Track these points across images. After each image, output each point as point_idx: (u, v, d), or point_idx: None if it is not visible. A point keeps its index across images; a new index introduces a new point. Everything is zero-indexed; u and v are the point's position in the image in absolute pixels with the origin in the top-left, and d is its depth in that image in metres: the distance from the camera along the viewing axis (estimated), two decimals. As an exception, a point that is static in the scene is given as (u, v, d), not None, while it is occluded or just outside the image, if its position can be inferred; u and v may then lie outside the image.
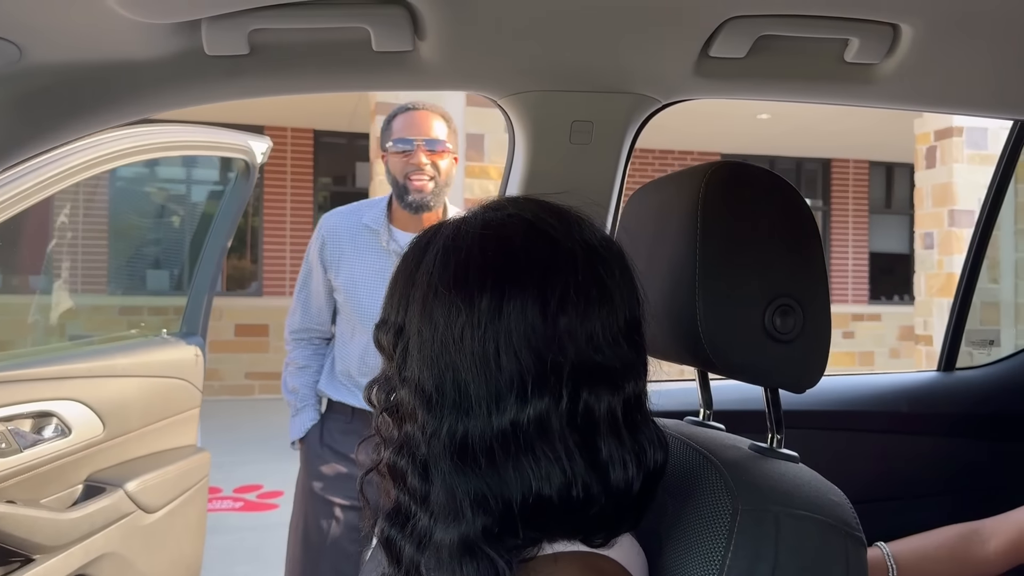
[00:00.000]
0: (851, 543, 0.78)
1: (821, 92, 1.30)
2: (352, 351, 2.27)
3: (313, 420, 2.33)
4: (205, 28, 1.03)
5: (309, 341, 2.38)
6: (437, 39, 1.10)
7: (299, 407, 2.35)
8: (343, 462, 2.26)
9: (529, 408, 0.71)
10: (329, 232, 2.30)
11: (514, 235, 0.75)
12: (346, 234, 2.28)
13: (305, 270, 2.36)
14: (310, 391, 2.36)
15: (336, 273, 2.27)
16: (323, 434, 2.31)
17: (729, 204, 0.87)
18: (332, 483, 2.25)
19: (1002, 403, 1.75)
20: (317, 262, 2.31)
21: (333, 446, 2.28)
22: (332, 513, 2.25)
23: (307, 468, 2.32)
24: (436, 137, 2.21)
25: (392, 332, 0.77)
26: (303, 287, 2.37)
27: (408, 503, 0.77)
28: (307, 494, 2.29)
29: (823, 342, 0.87)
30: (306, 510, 2.29)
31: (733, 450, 0.88)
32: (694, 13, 1.08)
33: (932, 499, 1.68)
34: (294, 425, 2.36)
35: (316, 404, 2.36)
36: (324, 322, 2.36)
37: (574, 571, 0.72)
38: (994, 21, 1.12)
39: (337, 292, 2.29)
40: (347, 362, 2.28)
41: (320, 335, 2.39)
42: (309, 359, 2.37)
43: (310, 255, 2.33)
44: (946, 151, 7.60)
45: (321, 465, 2.28)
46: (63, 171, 1.98)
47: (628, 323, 0.76)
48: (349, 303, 2.25)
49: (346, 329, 2.30)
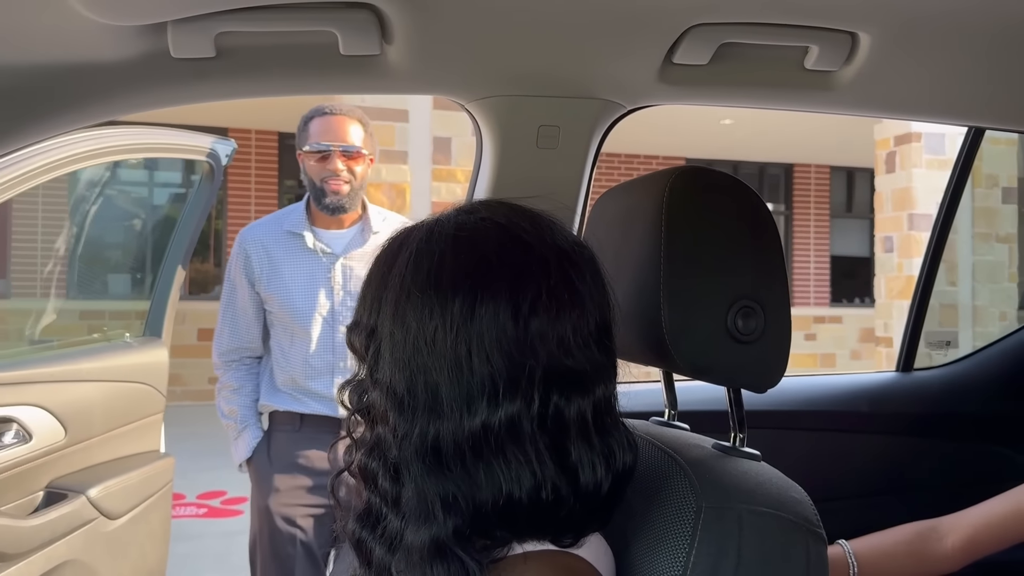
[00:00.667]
0: (812, 539, 0.79)
1: (782, 99, 1.33)
2: (294, 358, 2.23)
3: (257, 438, 2.30)
4: (171, 31, 1.02)
5: (240, 362, 2.34)
6: (404, 43, 1.11)
7: (240, 428, 2.31)
8: (295, 472, 2.23)
9: (500, 411, 0.72)
10: (252, 244, 2.28)
11: (487, 239, 0.76)
12: (270, 242, 2.26)
13: (228, 289, 2.32)
14: (249, 411, 2.32)
15: (266, 283, 2.24)
16: (270, 449, 2.27)
17: (692, 208, 0.89)
18: (286, 496, 2.22)
19: (958, 403, 1.80)
20: (241, 277, 2.28)
21: (283, 459, 2.25)
22: (292, 526, 2.21)
23: (259, 486, 2.28)
24: (352, 143, 2.23)
25: (364, 334, 0.77)
26: (228, 306, 2.33)
27: (379, 504, 0.77)
28: (263, 512, 2.25)
29: (784, 343, 0.89)
30: (265, 528, 2.25)
31: (697, 449, 0.89)
32: (658, 20, 1.10)
33: (892, 497, 1.72)
34: (238, 447, 2.31)
35: (257, 422, 2.32)
36: (254, 340, 2.32)
37: (544, 570, 0.73)
38: (947, 30, 1.15)
39: (269, 303, 2.25)
40: (290, 370, 2.24)
41: (251, 354, 2.34)
42: (242, 380, 2.33)
43: (232, 272, 2.31)
44: (905, 156, 7.74)
45: (273, 481, 2.24)
46: (24, 174, 1.95)
47: (599, 327, 0.77)
48: (285, 309, 2.23)
49: (284, 338, 2.26)
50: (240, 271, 2.28)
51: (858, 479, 1.71)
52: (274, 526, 2.23)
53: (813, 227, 12.20)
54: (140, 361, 2.46)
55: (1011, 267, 6.67)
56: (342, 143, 2.21)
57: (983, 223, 6.71)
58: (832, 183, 12.30)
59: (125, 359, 2.43)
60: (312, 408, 2.22)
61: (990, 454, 1.77)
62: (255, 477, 2.29)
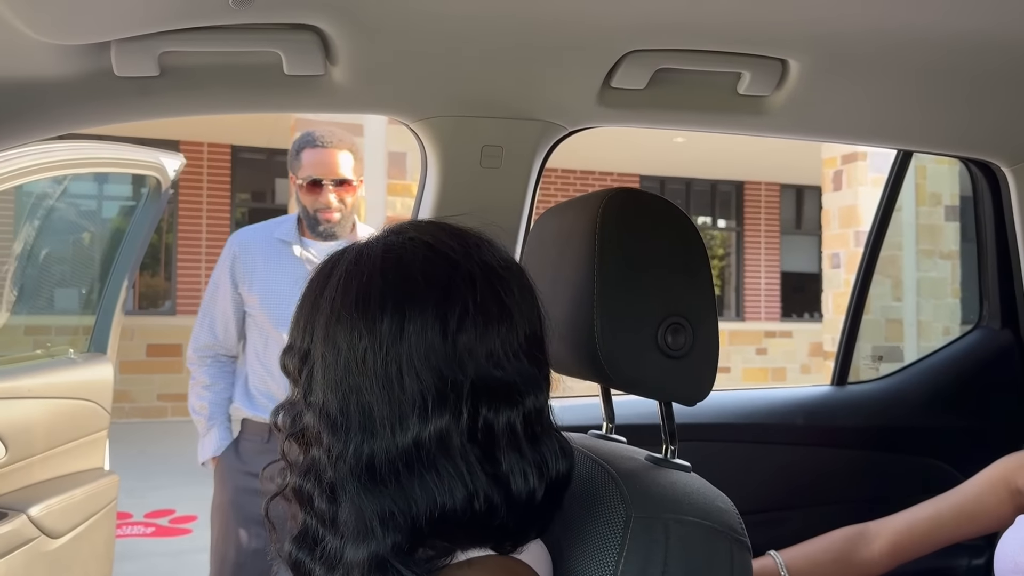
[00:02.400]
0: (736, 547, 0.82)
1: (717, 122, 1.37)
2: (270, 362, 2.26)
3: (224, 439, 2.31)
4: (114, 50, 1.03)
5: (215, 359, 2.36)
6: (348, 64, 1.13)
7: (208, 426, 2.32)
8: (257, 481, 2.24)
9: (430, 426, 0.73)
10: (241, 246, 2.33)
11: (414, 258, 0.77)
12: (259, 247, 2.32)
13: (212, 287, 2.36)
14: (218, 409, 2.34)
15: (250, 285, 2.28)
16: (239, 452, 2.29)
17: (625, 228, 0.92)
18: (250, 499, 2.22)
19: (892, 416, 1.85)
20: (227, 278, 2.32)
21: (250, 465, 2.25)
22: (251, 529, 2.22)
23: (223, 485, 2.29)
24: (344, 176, 2.30)
25: (298, 357, 0.79)
26: (208, 304, 2.36)
27: (316, 526, 0.78)
28: (223, 511, 2.26)
29: (711, 358, 0.92)
30: (224, 528, 2.26)
31: (629, 461, 0.92)
32: (596, 46, 1.14)
33: (827, 508, 1.76)
34: (204, 445, 2.33)
35: (226, 422, 2.34)
36: (230, 339, 2.36)
37: (488, 574, 0.75)
38: (874, 58, 1.21)
39: (250, 304, 2.29)
40: (265, 375, 2.27)
41: (226, 352, 2.37)
42: (215, 377, 2.35)
43: (216, 272, 2.34)
44: (851, 175, 7.93)
45: (238, 482, 2.25)
46: (-35, 187, 1.92)
47: (528, 339, 0.79)
48: (265, 311, 2.26)
49: (260, 342, 2.29)
50: (226, 271, 2.32)
51: (794, 491, 1.76)
52: (230, 527, 2.24)
53: (764, 243, 12.41)
54: (84, 378, 2.43)
55: (954, 283, 6.85)
56: (334, 176, 2.29)
57: (927, 240, 6.89)
58: (782, 200, 12.52)
59: (68, 375, 2.40)
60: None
61: (923, 466, 1.83)
62: (219, 476, 2.30)
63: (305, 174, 2.29)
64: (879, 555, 1.37)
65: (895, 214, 2.02)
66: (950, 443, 1.84)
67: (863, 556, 1.37)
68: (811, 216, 12.29)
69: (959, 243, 6.83)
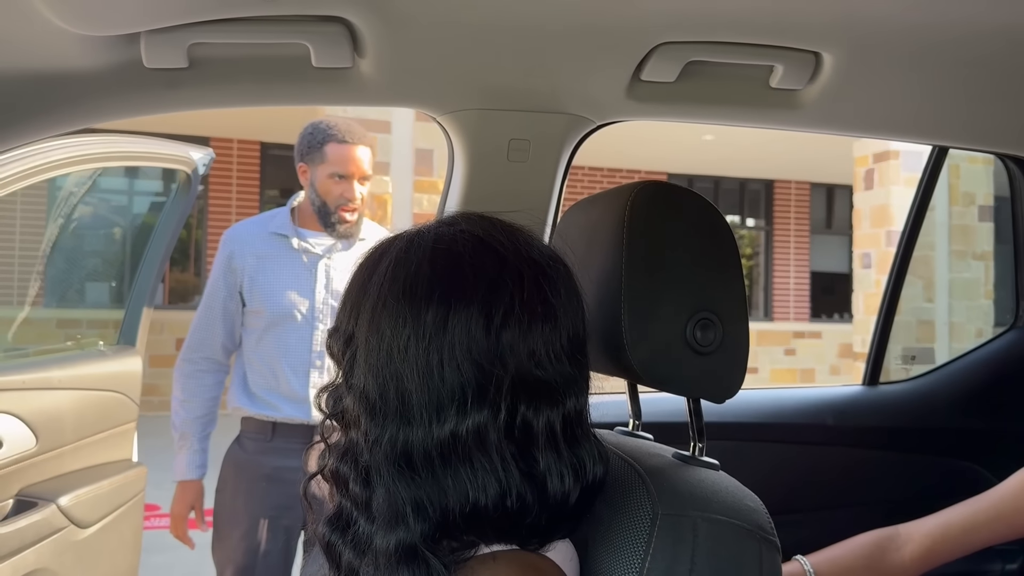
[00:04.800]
0: (765, 547, 0.81)
1: (748, 116, 1.35)
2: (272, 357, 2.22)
3: (193, 463, 2.27)
4: (144, 41, 1.04)
5: (197, 366, 2.30)
6: (376, 57, 1.13)
7: (179, 445, 2.28)
8: (260, 481, 2.22)
9: (468, 419, 0.73)
10: (236, 242, 2.30)
11: (463, 251, 0.77)
12: (255, 241, 2.30)
13: (210, 289, 2.31)
14: (190, 428, 2.28)
15: (249, 280, 2.25)
16: (239, 454, 2.27)
17: (653, 222, 0.91)
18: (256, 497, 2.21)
19: (923, 417, 1.82)
20: (222, 278, 2.28)
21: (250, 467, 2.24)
22: (258, 527, 2.20)
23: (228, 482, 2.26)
24: (367, 174, 2.31)
25: (342, 339, 0.79)
26: (207, 307, 2.30)
27: (350, 509, 0.79)
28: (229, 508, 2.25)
29: (742, 354, 0.90)
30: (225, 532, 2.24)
31: (656, 458, 0.91)
32: (626, 38, 1.12)
33: (856, 509, 1.74)
34: (176, 464, 2.29)
35: (199, 443, 2.29)
36: (221, 344, 2.30)
37: (513, 568, 0.74)
38: (908, 51, 1.18)
39: (250, 300, 2.26)
40: (266, 370, 2.23)
41: (213, 359, 2.31)
42: (192, 392, 2.30)
43: (214, 275, 2.30)
44: (883, 174, 7.83)
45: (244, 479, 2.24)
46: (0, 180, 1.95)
47: (571, 341, 0.79)
48: (266, 306, 2.24)
49: (261, 337, 2.25)
50: (222, 270, 2.29)
51: (822, 491, 1.73)
52: (236, 531, 2.23)
53: (793, 243, 12.30)
54: (113, 370, 2.45)
55: (987, 284, 6.76)
56: (361, 173, 2.29)
57: (960, 241, 6.79)
58: (812, 199, 12.41)
59: (98, 367, 2.42)
60: (285, 414, 2.22)
61: (954, 468, 1.79)
62: (225, 473, 2.28)
63: (332, 169, 2.27)
64: (910, 560, 1.34)
65: (928, 214, 2.00)
66: (982, 445, 1.81)
67: (894, 561, 1.34)
68: (842, 215, 12.17)
69: (993, 244, 6.73)
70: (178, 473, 2.30)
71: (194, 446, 2.29)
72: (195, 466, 2.29)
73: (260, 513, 2.21)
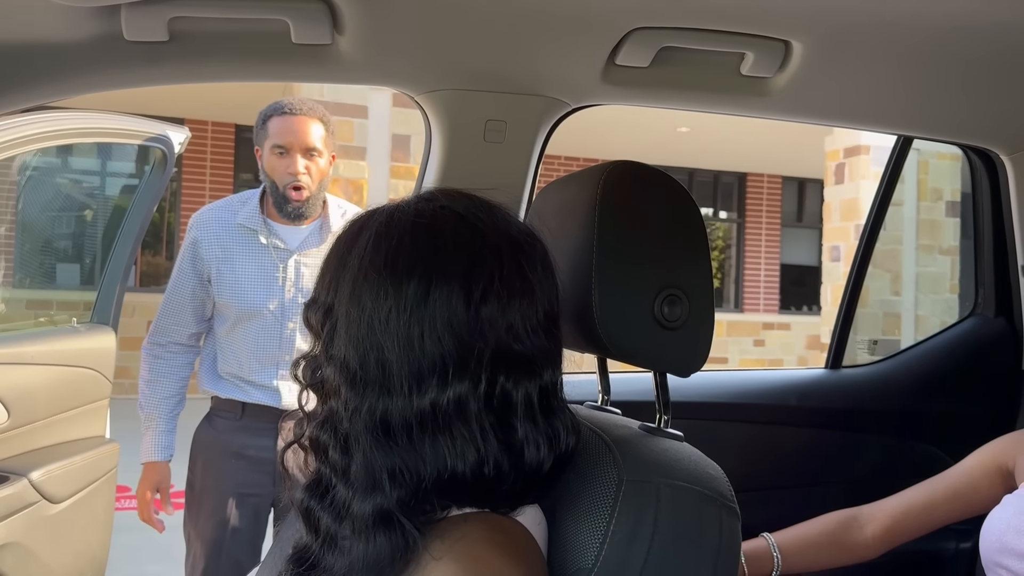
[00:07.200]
0: (725, 512, 0.84)
1: (719, 102, 1.39)
2: (239, 350, 2.20)
3: (160, 446, 2.24)
4: (125, 14, 1.04)
5: (165, 348, 2.26)
6: (356, 34, 1.14)
7: (145, 426, 2.25)
8: (231, 459, 2.20)
9: (449, 390, 0.76)
10: (202, 227, 2.22)
11: (444, 226, 0.79)
12: (222, 232, 2.21)
13: (177, 274, 2.25)
14: (156, 409, 2.24)
15: (216, 273, 2.19)
16: (210, 433, 2.25)
17: (624, 200, 0.93)
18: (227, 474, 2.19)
19: (883, 399, 1.87)
20: (189, 264, 2.22)
21: (221, 444, 2.22)
22: (223, 509, 2.19)
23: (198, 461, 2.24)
24: (313, 145, 2.17)
25: (321, 311, 0.81)
26: (175, 292, 2.25)
27: (328, 475, 0.81)
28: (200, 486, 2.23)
29: (707, 330, 0.93)
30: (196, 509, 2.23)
31: (623, 429, 0.94)
32: (601, 22, 1.15)
33: (817, 488, 1.78)
34: (143, 445, 2.25)
35: (166, 424, 2.26)
36: (183, 327, 2.25)
37: (483, 529, 0.77)
38: (877, 41, 1.22)
39: (218, 293, 2.20)
40: (234, 361, 2.21)
41: (180, 342, 2.27)
42: (159, 373, 2.26)
43: (183, 256, 2.25)
44: (854, 168, 7.94)
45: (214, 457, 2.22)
46: (-29, 154, 1.94)
47: (547, 315, 0.81)
48: (233, 301, 2.18)
49: (229, 330, 2.21)
50: (188, 255, 2.23)
51: (786, 470, 1.78)
52: (206, 508, 2.21)
53: (764, 235, 12.42)
54: (86, 346, 2.44)
55: (952, 278, 6.87)
56: (303, 144, 2.16)
57: (927, 235, 6.90)
58: (784, 193, 12.52)
59: (71, 343, 2.41)
60: (255, 397, 2.20)
61: (912, 449, 1.85)
62: (195, 452, 2.26)
63: (272, 142, 2.16)
64: (872, 539, 1.38)
65: (896, 209, 2.03)
66: (941, 428, 1.86)
67: (856, 539, 1.38)
68: (812, 209, 12.30)
69: (959, 239, 6.85)
70: (144, 455, 2.26)
71: (160, 427, 2.25)
72: (161, 447, 2.25)
73: (229, 490, 2.20)
